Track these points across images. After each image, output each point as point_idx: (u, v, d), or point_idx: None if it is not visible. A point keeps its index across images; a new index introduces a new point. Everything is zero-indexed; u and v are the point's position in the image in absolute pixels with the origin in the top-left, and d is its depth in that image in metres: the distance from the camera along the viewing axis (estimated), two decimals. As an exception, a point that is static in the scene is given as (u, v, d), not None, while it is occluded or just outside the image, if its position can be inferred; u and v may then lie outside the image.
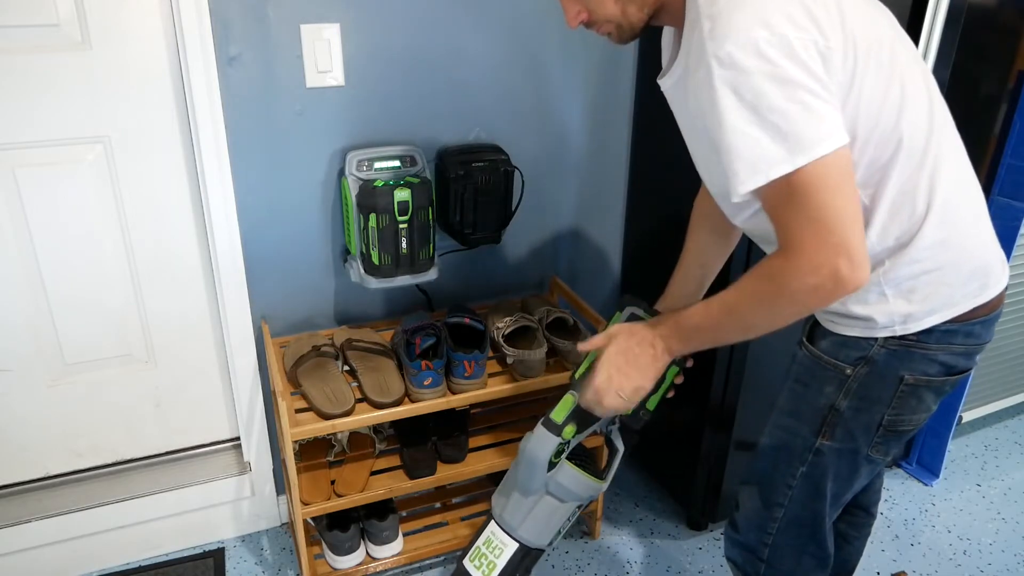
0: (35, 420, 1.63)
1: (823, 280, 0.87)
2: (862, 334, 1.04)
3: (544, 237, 1.86)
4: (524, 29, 1.62)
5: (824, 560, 1.21)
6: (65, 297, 1.55)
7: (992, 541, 1.88)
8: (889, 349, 1.03)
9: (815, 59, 0.85)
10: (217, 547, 1.81)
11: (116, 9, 1.38)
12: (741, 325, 1.00)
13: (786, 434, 1.14)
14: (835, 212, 0.86)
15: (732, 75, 0.84)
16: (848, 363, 1.06)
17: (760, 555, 1.22)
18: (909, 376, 1.03)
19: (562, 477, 1.18)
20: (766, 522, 1.19)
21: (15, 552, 1.63)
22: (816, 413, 1.10)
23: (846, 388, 1.06)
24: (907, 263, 0.99)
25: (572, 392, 1.17)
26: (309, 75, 1.49)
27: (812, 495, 1.14)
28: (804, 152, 0.84)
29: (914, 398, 1.06)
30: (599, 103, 1.76)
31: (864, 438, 1.09)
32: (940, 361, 1.03)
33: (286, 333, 1.69)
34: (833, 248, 0.86)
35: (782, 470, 1.15)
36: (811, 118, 0.84)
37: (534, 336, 1.63)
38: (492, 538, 1.22)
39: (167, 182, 1.54)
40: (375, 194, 1.44)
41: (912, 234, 0.98)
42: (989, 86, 1.61)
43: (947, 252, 0.99)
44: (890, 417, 1.06)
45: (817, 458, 1.11)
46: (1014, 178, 1.70)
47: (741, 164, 0.87)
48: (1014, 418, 2.35)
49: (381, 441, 1.72)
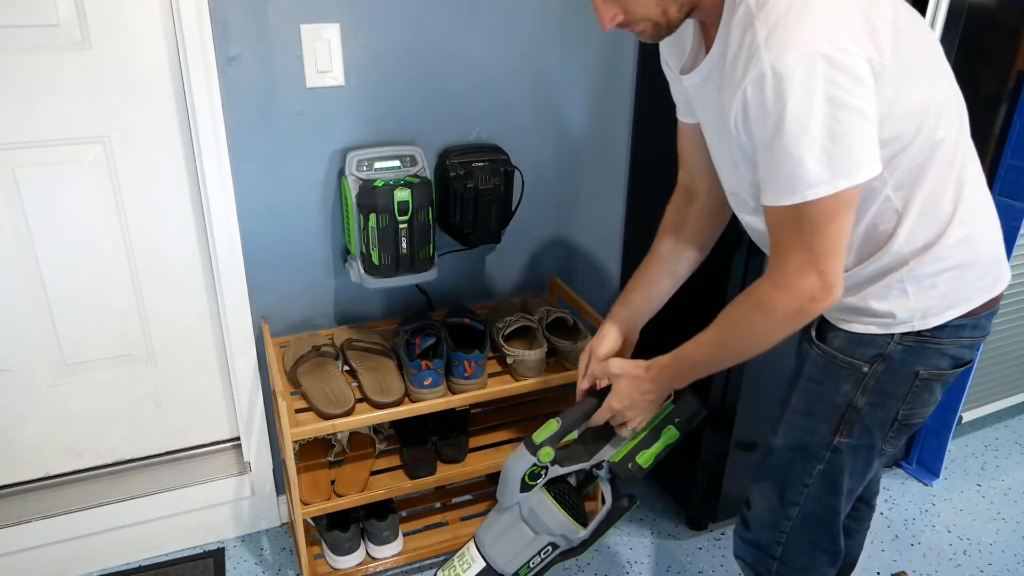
0: (35, 420, 1.63)
1: (803, 303, 0.92)
2: (879, 331, 1.05)
3: (544, 237, 1.86)
4: (524, 29, 1.62)
5: (836, 555, 1.22)
6: (65, 297, 1.55)
7: (992, 541, 1.88)
8: (905, 345, 1.04)
9: (869, 79, 0.84)
10: (217, 547, 1.81)
11: (116, 9, 1.38)
12: (733, 354, 1.06)
13: (802, 433, 1.15)
14: (829, 243, 0.89)
15: (788, 89, 0.83)
16: (864, 361, 1.06)
17: (773, 553, 1.22)
18: (924, 371, 1.05)
19: (535, 503, 1.18)
20: (780, 520, 1.20)
21: (15, 552, 1.63)
22: (834, 411, 1.10)
23: (863, 385, 1.07)
24: (931, 261, 1.00)
25: (556, 418, 1.18)
26: (309, 75, 1.49)
27: (829, 491, 1.15)
28: (846, 177, 0.85)
29: (927, 391, 1.08)
30: (599, 103, 1.76)
31: (880, 433, 1.10)
32: (951, 355, 1.05)
33: (286, 333, 1.69)
34: (816, 276, 0.91)
35: (798, 469, 1.16)
36: (857, 145, 0.85)
37: (534, 336, 1.63)
38: (465, 552, 1.23)
39: (167, 182, 1.54)
40: (375, 194, 1.44)
41: (939, 233, 0.99)
42: (989, 86, 1.61)
43: (969, 249, 1.01)
44: (905, 411, 1.08)
45: (835, 456, 1.12)
46: (1014, 178, 1.70)
47: (781, 180, 0.88)
48: (1014, 418, 2.35)
49: (381, 441, 1.72)
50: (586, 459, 1.20)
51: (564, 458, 1.18)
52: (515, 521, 1.19)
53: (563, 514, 1.17)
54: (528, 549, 1.19)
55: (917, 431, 2.05)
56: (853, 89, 0.83)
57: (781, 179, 0.88)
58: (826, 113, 0.83)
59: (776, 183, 0.89)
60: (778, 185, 0.89)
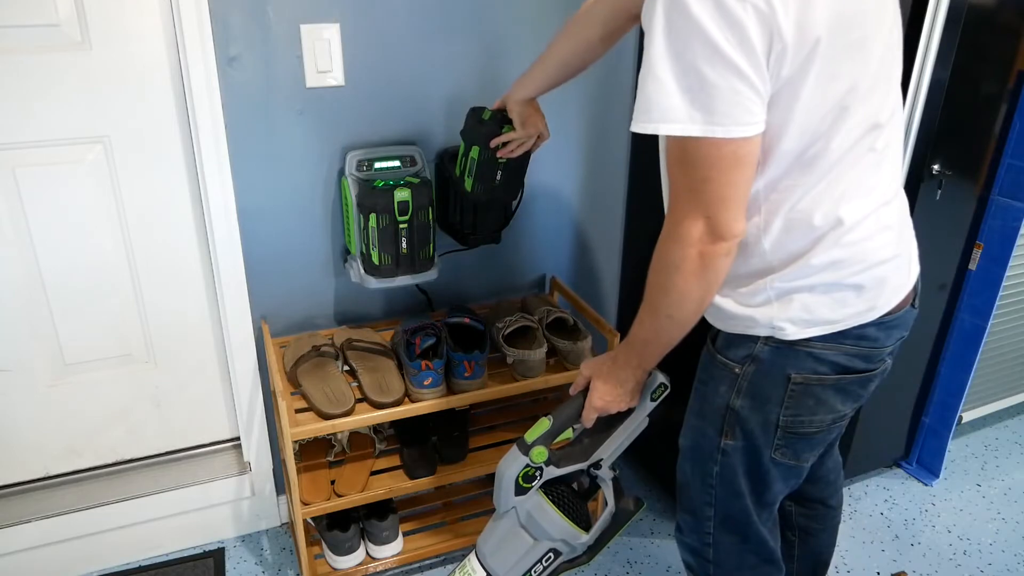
0: (35, 420, 1.63)
1: (698, 250, 0.89)
2: (744, 331, 1.03)
3: (544, 237, 1.86)
4: (524, 29, 1.62)
5: (768, 557, 1.20)
6: (65, 297, 1.55)
7: (992, 541, 1.88)
8: (772, 346, 1.01)
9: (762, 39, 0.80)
10: (217, 547, 1.81)
11: (116, 9, 1.38)
12: (670, 321, 0.98)
13: (696, 434, 1.14)
14: (714, 192, 0.86)
15: (676, 16, 0.80)
16: (736, 362, 1.05)
17: (706, 556, 1.21)
18: (796, 375, 1.01)
19: (531, 506, 1.14)
20: (702, 523, 1.18)
21: (15, 552, 1.63)
22: (716, 413, 1.09)
23: (737, 387, 1.06)
24: (794, 276, 0.97)
25: (548, 416, 1.15)
26: (309, 75, 1.49)
27: (730, 494, 1.13)
28: (709, 125, 0.82)
29: (810, 398, 1.03)
30: (599, 102, 1.76)
31: (764, 438, 1.07)
32: (830, 361, 1.01)
33: (286, 333, 1.69)
34: (703, 222, 0.87)
35: (699, 470, 1.15)
36: (732, 98, 0.82)
37: (534, 336, 1.63)
38: (467, 564, 1.20)
39: (167, 182, 1.54)
40: (375, 194, 1.44)
41: (805, 250, 0.96)
42: (989, 86, 1.61)
43: (838, 272, 0.97)
44: (786, 418, 1.05)
45: (725, 458, 1.11)
46: (1014, 178, 1.70)
47: (641, 103, 0.85)
48: (1014, 418, 2.35)
49: (381, 441, 1.72)
50: (583, 459, 1.18)
51: (560, 459, 1.16)
52: (514, 527, 1.16)
53: (562, 517, 1.14)
54: (528, 557, 1.16)
55: (914, 436, 2.05)
56: (735, 43, 0.79)
57: (643, 102, 0.85)
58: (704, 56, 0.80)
59: (639, 106, 0.86)
60: (642, 107, 0.85)
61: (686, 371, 1.18)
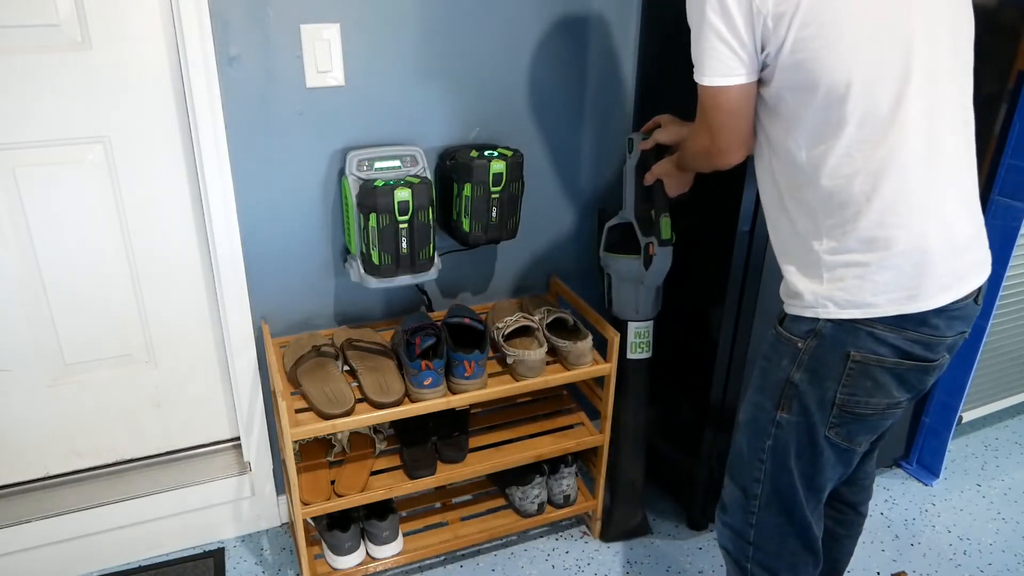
0: (35, 420, 1.63)
1: (703, 151, 1.18)
2: (800, 313, 1.09)
3: (544, 237, 1.86)
4: (524, 28, 1.62)
5: (809, 545, 1.22)
6: (65, 297, 1.55)
7: (992, 541, 1.88)
8: (835, 323, 1.05)
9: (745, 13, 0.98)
10: (217, 547, 1.81)
11: (116, 9, 1.38)
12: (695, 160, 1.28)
13: (755, 409, 1.19)
14: (716, 122, 1.10)
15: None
16: (799, 336, 1.09)
17: (747, 537, 1.24)
18: (856, 352, 1.05)
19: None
20: (748, 500, 1.22)
21: (15, 552, 1.63)
22: (776, 386, 1.13)
23: (799, 361, 1.10)
24: (837, 249, 1.02)
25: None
26: (309, 75, 1.49)
27: (780, 470, 1.17)
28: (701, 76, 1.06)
29: (867, 378, 1.06)
30: (599, 102, 1.76)
31: (819, 415, 1.10)
32: (890, 344, 1.04)
33: (286, 333, 1.69)
34: (709, 138, 1.14)
35: (754, 444, 1.19)
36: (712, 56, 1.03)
37: (534, 336, 1.63)
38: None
39: (167, 182, 1.54)
40: (375, 194, 1.44)
41: (847, 220, 1.00)
42: (989, 86, 1.61)
43: (878, 253, 1.00)
44: (843, 396, 1.08)
45: (779, 431, 1.14)
46: (1014, 178, 1.70)
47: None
48: (1014, 418, 2.35)
49: (381, 441, 1.72)
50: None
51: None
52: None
53: None
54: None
55: (915, 436, 2.05)
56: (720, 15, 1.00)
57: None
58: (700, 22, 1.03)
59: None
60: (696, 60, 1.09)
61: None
